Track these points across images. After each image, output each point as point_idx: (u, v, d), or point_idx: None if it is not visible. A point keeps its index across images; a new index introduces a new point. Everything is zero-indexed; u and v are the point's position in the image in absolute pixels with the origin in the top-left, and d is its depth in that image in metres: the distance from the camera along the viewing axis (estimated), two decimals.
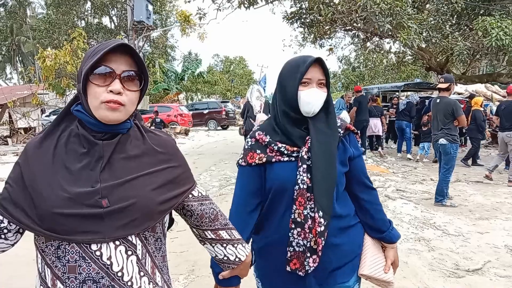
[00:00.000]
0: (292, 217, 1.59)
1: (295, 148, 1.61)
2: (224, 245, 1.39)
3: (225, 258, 1.40)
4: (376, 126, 12.76)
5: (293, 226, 1.58)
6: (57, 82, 13.93)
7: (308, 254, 1.56)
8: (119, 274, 1.11)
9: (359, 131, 1.74)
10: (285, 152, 1.60)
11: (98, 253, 1.09)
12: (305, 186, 1.56)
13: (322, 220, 1.53)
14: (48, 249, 1.11)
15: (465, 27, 11.10)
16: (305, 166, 1.57)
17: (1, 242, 1.14)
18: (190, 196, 1.32)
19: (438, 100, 6.34)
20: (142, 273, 1.16)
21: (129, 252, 1.14)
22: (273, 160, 1.62)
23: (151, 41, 29.33)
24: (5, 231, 1.13)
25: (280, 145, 1.61)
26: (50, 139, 1.15)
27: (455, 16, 10.89)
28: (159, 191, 1.19)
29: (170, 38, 36.21)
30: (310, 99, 1.59)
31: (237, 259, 1.41)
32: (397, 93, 17.12)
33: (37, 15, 42.03)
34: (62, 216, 1.06)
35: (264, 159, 1.63)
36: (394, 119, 13.54)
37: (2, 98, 15.99)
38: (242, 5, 12.61)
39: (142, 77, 1.19)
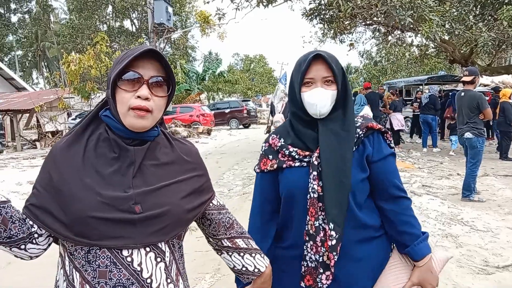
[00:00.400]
0: (306, 228, 1.46)
1: (307, 153, 1.49)
2: (242, 254, 1.37)
3: (244, 268, 1.38)
4: (402, 120, 12.61)
5: (307, 238, 1.46)
6: (82, 86, 14.26)
7: (321, 270, 1.43)
8: (148, 280, 1.10)
9: (386, 130, 1.58)
10: (296, 157, 1.50)
11: (129, 259, 1.09)
12: (316, 195, 1.44)
13: (333, 233, 1.39)
14: (77, 253, 1.10)
15: (489, 17, 10.84)
16: (315, 173, 1.44)
17: (33, 247, 1.12)
18: (211, 204, 1.33)
19: (462, 94, 6.22)
20: (168, 280, 1.16)
21: (158, 259, 1.14)
22: (284, 165, 1.52)
23: (172, 43, 29.63)
24: (36, 235, 1.11)
25: (291, 149, 1.52)
26: (78, 143, 1.15)
27: (479, 6, 10.64)
28: (188, 199, 1.20)
29: (190, 39, 36.58)
30: (314, 101, 1.46)
31: (256, 270, 1.38)
32: (421, 87, 16.86)
33: (61, 20, 42.99)
34: (96, 219, 1.05)
35: (275, 165, 1.54)
36: (418, 113, 13.36)
37: (29, 103, 16.41)
38: (261, 3, 12.62)
39: (170, 83, 1.18)
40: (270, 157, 1.58)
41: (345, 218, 1.42)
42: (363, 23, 14.06)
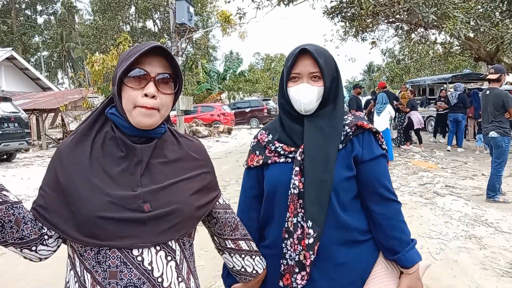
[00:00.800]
0: (286, 225, 1.42)
1: (292, 149, 1.45)
2: (243, 256, 1.38)
3: (242, 269, 1.39)
4: (421, 119, 12.45)
5: (286, 236, 1.42)
6: (105, 86, 14.47)
7: (297, 270, 1.39)
8: (159, 279, 1.09)
9: (377, 130, 1.52)
10: (282, 152, 1.47)
11: (139, 258, 1.07)
12: (296, 191, 1.40)
13: (311, 231, 1.35)
14: (87, 254, 1.08)
15: None
16: (298, 168, 1.41)
17: (43, 248, 1.11)
18: (217, 203, 1.32)
19: (488, 92, 6.09)
20: (180, 279, 1.15)
21: (169, 258, 1.12)
22: (269, 161, 1.49)
23: (193, 43, 29.85)
24: (46, 237, 1.10)
25: (277, 145, 1.49)
26: (85, 142, 1.13)
27: (505, 2, 10.35)
28: (196, 197, 1.19)
29: (211, 39, 36.80)
30: (299, 96, 1.42)
31: (254, 271, 1.41)
32: (445, 85, 16.56)
33: (85, 21, 43.80)
34: (105, 220, 1.04)
35: (261, 161, 1.52)
36: (442, 112, 13.13)
37: (55, 103, 16.80)
38: (282, 2, 12.59)
39: (177, 80, 1.17)
40: (257, 152, 1.56)
41: (325, 217, 1.37)
42: (385, 21, 13.88)
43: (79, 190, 1.06)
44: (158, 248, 1.10)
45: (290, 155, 1.45)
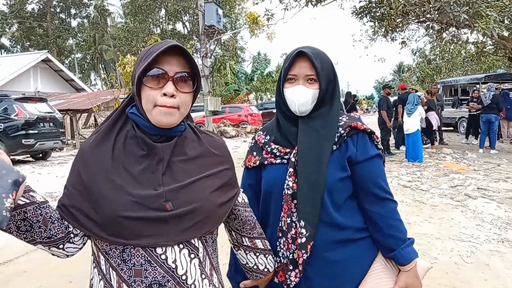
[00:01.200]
0: (280, 225, 1.46)
1: (287, 150, 1.48)
2: (257, 254, 1.41)
3: (255, 267, 1.42)
4: (438, 119, 12.22)
5: (280, 234, 1.46)
6: None
7: (291, 267, 1.43)
8: (184, 277, 1.10)
9: (372, 131, 1.52)
10: (277, 154, 1.50)
11: (163, 256, 1.08)
12: (290, 192, 1.43)
13: (303, 230, 1.39)
14: (112, 252, 1.10)
15: None
16: (292, 169, 1.44)
17: (70, 246, 1.13)
18: (237, 201, 1.33)
19: None
20: (203, 275, 1.16)
21: (192, 255, 1.13)
22: (266, 162, 1.52)
23: (221, 44, 30.11)
24: (72, 235, 1.12)
25: (273, 146, 1.52)
26: (107, 141, 1.14)
27: None
28: (218, 194, 1.19)
29: (239, 40, 36.99)
30: (294, 98, 1.45)
31: (265, 270, 1.44)
32: (478, 86, 16.16)
33: (117, 24, 44.84)
34: (128, 219, 1.05)
35: (258, 162, 1.55)
36: (475, 112, 12.84)
37: (88, 103, 17.28)
38: (310, 2, 12.58)
39: (196, 79, 1.16)
40: (255, 153, 1.59)
41: (318, 217, 1.40)
42: (416, 20, 13.67)
43: (101, 189, 1.08)
44: (181, 246, 1.11)
45: (286, 157, 1.48)
